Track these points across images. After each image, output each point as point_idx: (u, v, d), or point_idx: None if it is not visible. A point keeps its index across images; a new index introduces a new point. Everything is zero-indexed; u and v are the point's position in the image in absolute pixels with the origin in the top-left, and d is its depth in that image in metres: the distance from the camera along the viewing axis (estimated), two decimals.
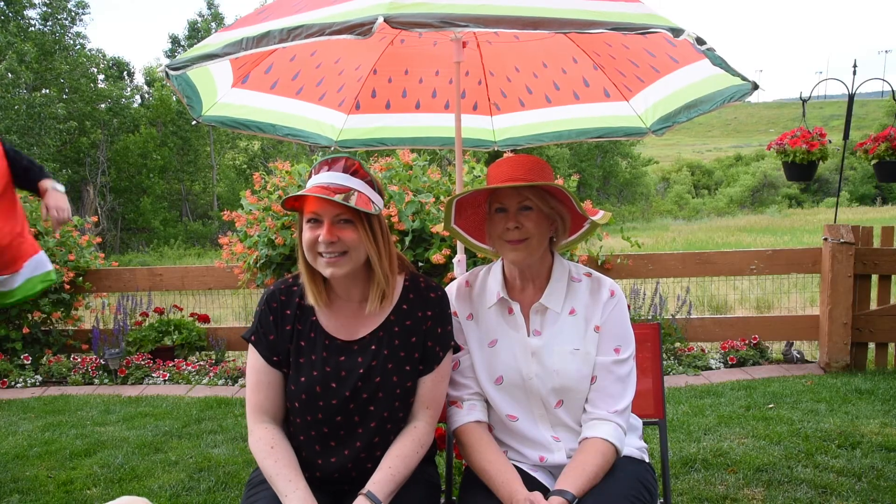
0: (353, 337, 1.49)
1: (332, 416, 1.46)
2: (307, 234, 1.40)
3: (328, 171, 1.41)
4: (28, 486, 2.63)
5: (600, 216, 1.57)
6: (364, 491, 1.38)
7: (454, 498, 1.69)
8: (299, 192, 1.40)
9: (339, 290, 1.51)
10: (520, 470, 1.49)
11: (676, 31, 1.29)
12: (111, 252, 23.99)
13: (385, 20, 1.19)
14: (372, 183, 1.45)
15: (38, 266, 2.78)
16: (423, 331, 1.50)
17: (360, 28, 1.19)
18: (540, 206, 1.50)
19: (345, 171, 1.41)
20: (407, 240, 3.96)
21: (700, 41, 1.33)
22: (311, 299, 1.47)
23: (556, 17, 1.28)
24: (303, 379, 1.46)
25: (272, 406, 1.49)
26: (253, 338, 1.50)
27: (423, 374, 1.49)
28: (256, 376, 1.49)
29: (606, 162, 36.10)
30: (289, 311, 1.50)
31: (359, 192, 1.40)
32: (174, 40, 32.67)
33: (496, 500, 1.42)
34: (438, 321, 1.51)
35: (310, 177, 1.46)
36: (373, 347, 1.48)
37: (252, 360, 1.50)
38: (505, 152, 2.82)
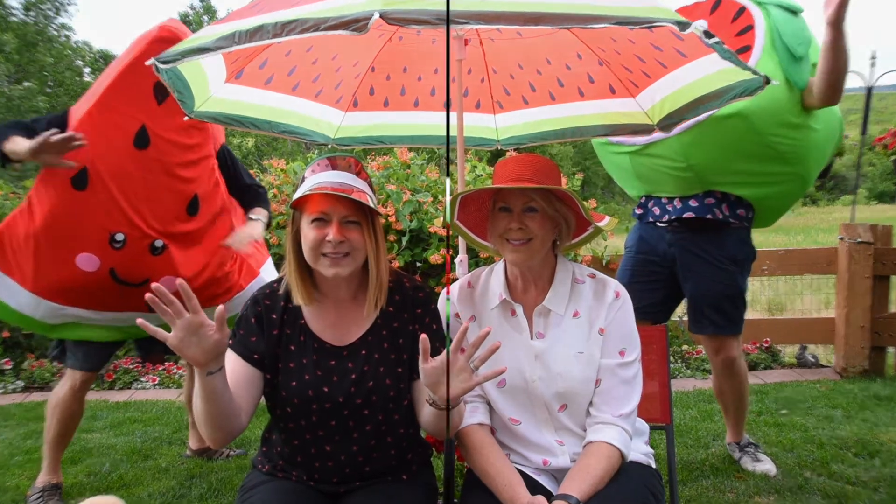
0: (342, 341, 1.47)
1: (327, 419, 1.43)
2: (312, 234, 1.38)
3: (332, 170, 1.40)
4: (10, 497, 2.53)
5: (606, 222, 1.54)
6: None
7: (455, 501, 1.66)
8: (314, 191, 1.35)
9: (327, 290, 1.48)
10: (523, 474, 1.46)
11: (683, 25, 1.24)
12: None
13: (381, 16, 1.16)
14: (371, 185, 1.46)
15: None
16: (411, 331, 1.48)
17: (356, 24, 1.16)
18: (545, 208, 1.47)
19: (349, 171, 1.41)
20: (404, 240, 3.89)
21: (708, 34, 1.28)
22: (298, 299, 1.44)
23: (558, 11, 1.24)
24: (294, 383, 1.44)
25: (246, 406, 1.39)
26: (230, 341, 1.43)
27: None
28: (234, 378, 1.39)
29: None
30: (275, 315, 1.47)
31: (365, 193, 1.40)
32: None
33: (498, 503, 1.39)
34: (432, 318, 1.50)
35: (305, 177, 1.44)
36: (363, 352, 1.46)
37: (229, 364, 1.38)
38: (508, 151, 2.77)
